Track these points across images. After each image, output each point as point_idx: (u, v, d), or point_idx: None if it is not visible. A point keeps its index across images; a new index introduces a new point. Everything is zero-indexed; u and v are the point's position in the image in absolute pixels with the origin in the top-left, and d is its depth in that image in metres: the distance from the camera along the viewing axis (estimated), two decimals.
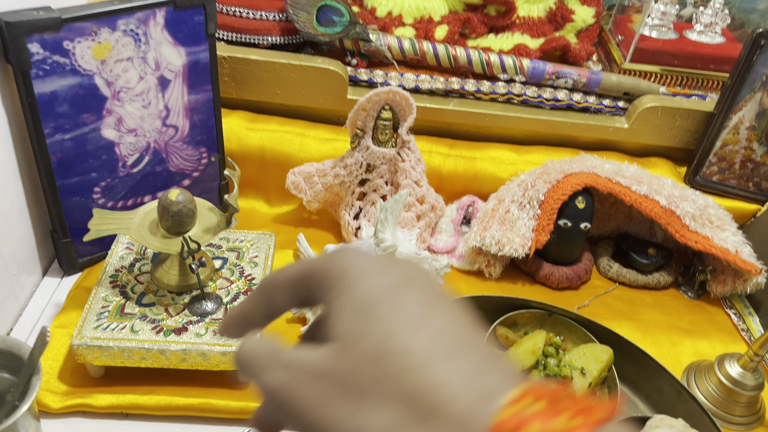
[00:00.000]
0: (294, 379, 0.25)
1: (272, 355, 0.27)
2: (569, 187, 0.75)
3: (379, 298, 0.25)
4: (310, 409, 0.24)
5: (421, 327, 0.24)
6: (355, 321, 0.25)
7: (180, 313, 0.62)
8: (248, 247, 0.70)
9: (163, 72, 0.67)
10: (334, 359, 0.25)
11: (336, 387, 0.24)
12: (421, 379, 0.23)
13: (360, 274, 0.26)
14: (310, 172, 0.77)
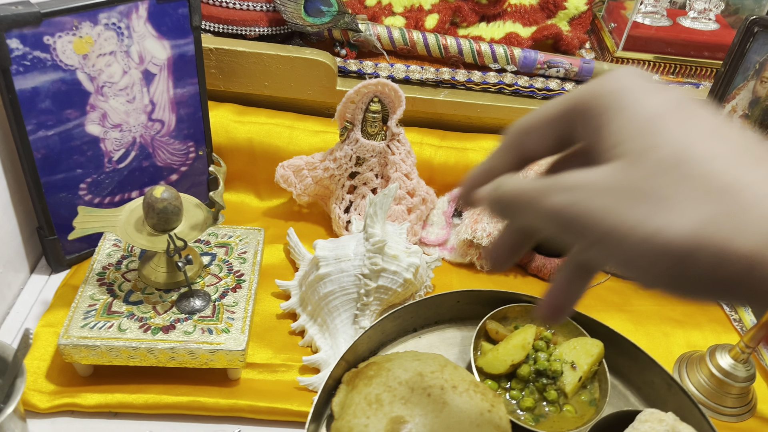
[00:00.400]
0: (581, 196, 0.25)
1: (547, 184, 0.27)
2: None
3: (667, 111, 0.25)
4: (603, 218, 0.24)
5: (720, 136, 0.24)
6: (641, 135, 0.25)
7: (168, 311, 0.61)
8: (237, 243, 0.70)
9: (147, 66, 0.66)
10: (623, 172, 0.25)
11: (629, 196, 0.24)
12: (729, 180, 0.23)
13: (638, 92, 0.26)
14: (300, 166, 0.76)
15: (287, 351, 0.65)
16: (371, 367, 0.56)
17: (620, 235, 0.24)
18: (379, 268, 0.63)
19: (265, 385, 0.62)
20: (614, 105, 0.26)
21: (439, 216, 0.82)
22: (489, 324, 0.63)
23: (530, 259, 0.79)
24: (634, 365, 0.63)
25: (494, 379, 0.59)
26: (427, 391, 0.52)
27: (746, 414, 0.67)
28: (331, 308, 0.64)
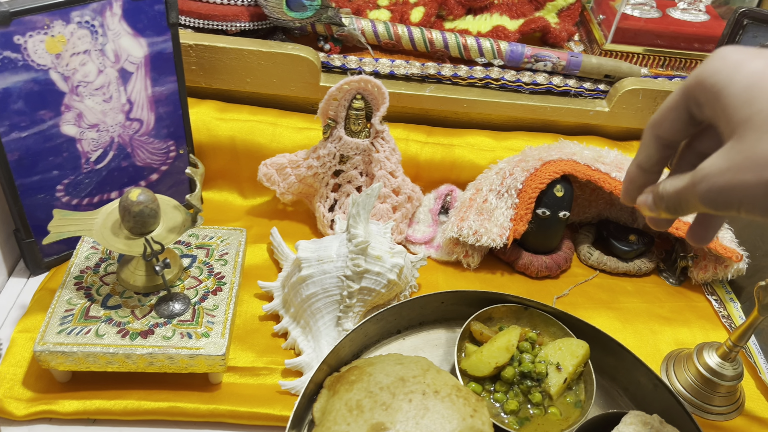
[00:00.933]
0: (713, 181, 0.33)
1: (692, 179, 0.34)
2: (547, 175, 0.73)
3: (759, 78, 0.31)
4: (733, 191, 0.32)
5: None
6: (743, 107, 0.31)
7: (146, 315, 0.60)
8: (218, 244, 0.69)
9: (123, 64, 0.65)
10: (735, 150, 0.32)
11: (744, 168, 0.31)
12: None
13: (735, 66, 0.32)
14: (283, 164, 0.75)
15: (270, 354, 0.64)
16: (353, 372, 0.56)
17: (748, 198, 0.31)
18: (362, 269, 0.62)
19: (246, 390, 0.61)
20: (718, 84, 0.33)
21: (425, 213, 0.81)
22: (473, 325, 0.62)
23: (517, 257, 0.78)
24: (621, 365, 0.63)
25: (478, 381, 0.59)
26: (408, 396, 0.52)
27: (734, 413, 0.66)
28: (313, 310, 0.63)
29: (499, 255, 0.79)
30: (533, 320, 0.64)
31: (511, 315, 0.64)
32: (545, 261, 0.77)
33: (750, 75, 0.31)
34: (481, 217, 0.75)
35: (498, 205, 0.75)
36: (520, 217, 0.74)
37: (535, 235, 0.76)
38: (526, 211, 0.74)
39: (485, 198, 0.76)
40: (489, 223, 0.74)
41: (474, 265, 0.77)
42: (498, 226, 0.74)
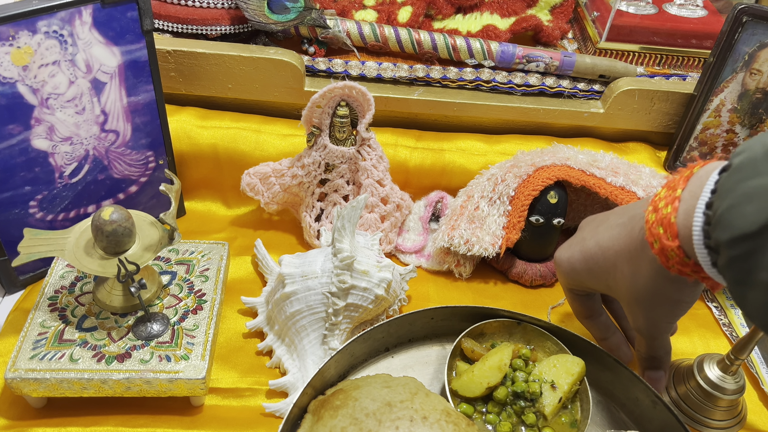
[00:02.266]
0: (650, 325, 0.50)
1: (649, 346, 0.53)
2: (540, 182, 0.71)
3: (583, 263, 0.52)
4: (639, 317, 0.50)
5: (605, 247, 0.50)
6: (594, 279, 0.52)
7: (123, 337, 0.58)
8: (199, 259, 0.66)
9: (96, 74, 0.62)
10: (626, 301, 0.50)
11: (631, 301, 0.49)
12: (618, 256, 0.48)
13: (570, 263, 0.55)
14: (267, 173, 0.72)
15: (254, 373, 0.62)
16: (337, 396, 0.53)
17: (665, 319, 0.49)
18: (348, 285, 0.60)
19: (229, 412, 0.58)
20: (577, 280, 0.53)
21: (415, 222, 0.78)
22: (464, 342, 0.59)
23: (511, 265, 0.75)
24: (618, 381, 0.60)
25: (470, 402, 0.56)
26: (395, 423, 0.49)
27: (735, 426, 0.64)
28: (298, 328, 0.61)
29: (492, 263, 0.76)
30: (527, 335, 0.62)
31: (503, 330, 0.62)
32: (539, 269, 0.75)
33: (578, 261, 0.51)
34: (472, 225, 0.72)
35: (490, 212, 0.72)
36: (512, 225, 0.71)
37: (528, 243, 0.74)
38: (518, 219, 0.71)
39: (477, 205, 0.73)
40: (481, 232, 0.72)
41: (466, 275, 0.75)
42: (490, 235, 0.71)
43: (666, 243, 0.37)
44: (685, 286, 0.42)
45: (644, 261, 0.42)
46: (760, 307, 0.31)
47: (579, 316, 0.56)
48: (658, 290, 0.43)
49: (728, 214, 0.31)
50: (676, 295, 0.43)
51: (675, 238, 0.36)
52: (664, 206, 0.37)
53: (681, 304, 0.44)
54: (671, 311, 0.45)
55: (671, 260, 0.38)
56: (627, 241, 0.43)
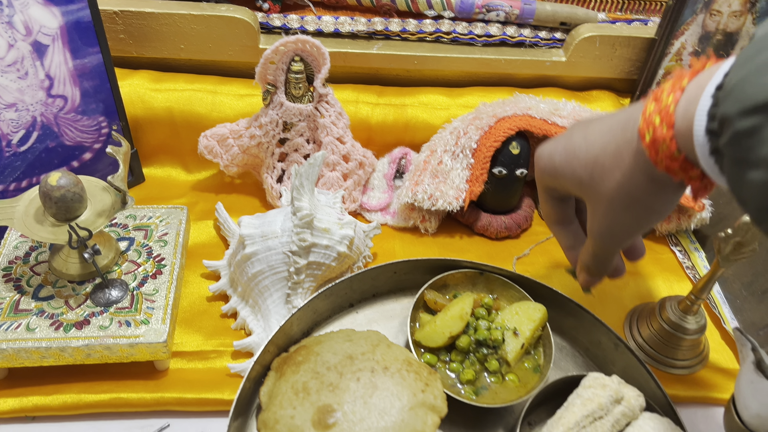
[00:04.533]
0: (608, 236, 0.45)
1: (596, 244, 0.47)
2: (501, 133, 0.70)
3: (564, 158, 0.46)
4: (614, 229, 0.45)
5: (588, 144, 0.44)
6: (572, 176, 0.45)
7: (81, 305, 0.57)
8: (157, 225, 0.65)
9: (36, 37, 0.60)
10: (594, 200, 0.44)
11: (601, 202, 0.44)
12: (605, 151, 0.43)
13: (551, 158, 0.47)
14: (224, 135, 0.71)
15: (218, 336, 0.61)
16: (300, 352, 0.53)
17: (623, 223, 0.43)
18: (309, 243, 0.59)
19: (194, 375, 0.58)
20: (554, 175, 0.47)
21: (380, 179, 0.77)
22: (427, 294, 0.59)
23: (476, 219, 0.75)
24: (581, 326, 0.61)
25: (433, 352, 0.57)
26: (356, 375, 0.49)
27: (698, 365, 0.65)
28: (261, 288, 0.60)
29: (457, 218, 0.76)
30: (490, 285, 0.62)
31: (466, 281, 0.62)
32: (504, 221, 0.75)
33: (559, 157, 0.46)
34: (436, 180, 0.71)
35: (453, 166, 0.72)
36: (475, 177, 0.71)
37: (492, 195, 0.73)
38: (481, 171, 0.71)
39: (440, 160, 0.72)
40: (445, 186, 0.71)
41: (432, 230, 0.74)
42: (454, 189, 0.71)
43: (659, 134, 0.35)
44: (663, 190, 0.40)
45: (629, 155, 0.39)
46: (760, 186, 0.30)
47: (549, 221, 0.52)
48: (633, 190, 0.40)
49: (743, 84, 0.30)
50: (650, 200, 0.40)
51: (671, 128, 0.35)
52: (666, 96, 0.35)
53: (651, 213, 0.41)
54: (637, 219, 0.42)
55: (661, 153, 0.36)
56: (617, 134, 0.40)
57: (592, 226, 0.45)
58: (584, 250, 0.48)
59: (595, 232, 0.45)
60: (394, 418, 0.47)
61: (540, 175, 0.48)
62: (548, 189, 0.48)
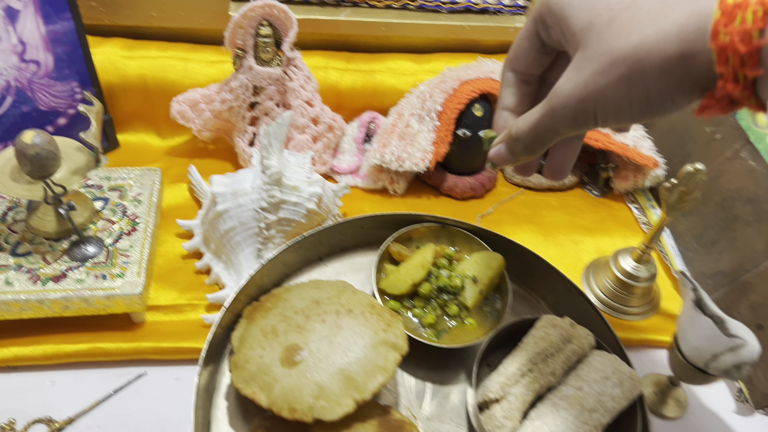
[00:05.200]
0: (570, 102, 0.33)
1: (547, 109, 0.34)
2: (465, 95, 0.73)
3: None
4: (589, 104, 0.32)
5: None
6: (585, 15, 0.32)
7: (58, 260, 0.59)
8: (131, 185, 0.67)
9: (8, 2, 0.61)
10: (579, 64, 0.32)
11: (586, 75, 0.32)
12: (654, 1, 0.29)
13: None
14: (196, 100, 0.73)
15: (193, 290, 0.64)
16: (270, 299, 0.56)
17: (601, 103, 0.31)
18: (278, 200, 0.61)
19: (170, 326, 0.61)
20: (561, 2, 0.33)
21: (349, 143, 0.80)
22: (392, 246, 0.62)
23: (442, 180, 0.78)
24: (538, 274, 0.64)
25: (397, 299, 0.60)
26: (322, 317, 0.52)
27: (650, 311, 0.69)
28: (233, 245, 0.63)
29: (425, 179, 0.79)
30: (453, 238, 0.65)
31: (430, 235, 0.65)
32: (470, 182, 0.78)
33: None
34: (403, 142, 0.74)
35: (420, 129, 0.75)
36: (441, 139, 0.74)
37: (458, 156, 0.76)
38: (446, 133, 0.74)
39: (407, 123, 0.75)
40: (411, 148, 0.74)
41: (400, 192, 0.77)
42: (420, 150, 0.74)
43: (739, 44, 0.25)
44: (688, 91, 0.29)
45: (674, 42, 0.28)
46: None
47: (510, 62, 0.39)
48: (652, 68, 0.28)
49: None
50: (663, 89, 0.29)
51: (764, 36, 0.25)
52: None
53: (649, 105, 0.30)
54: (628, 104, 0.30)
55: (730, 65, 0.26)
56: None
57: (564, 87, 0.33)
58: (525, 117, 0.36)
59: (563, 94, 0.32)
60: (357, 355, 0.50)
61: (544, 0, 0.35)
62: (541, 20, 0.36)
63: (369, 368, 0.49)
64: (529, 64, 0.38)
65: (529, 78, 0.39)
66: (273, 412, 0.49)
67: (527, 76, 0.39)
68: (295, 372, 0.49)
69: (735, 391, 0.64)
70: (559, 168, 0.40)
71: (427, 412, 0.55)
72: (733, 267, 0.68)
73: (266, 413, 0.51)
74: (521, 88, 0.39)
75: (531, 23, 0.37)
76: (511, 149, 0.37)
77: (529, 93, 0.40)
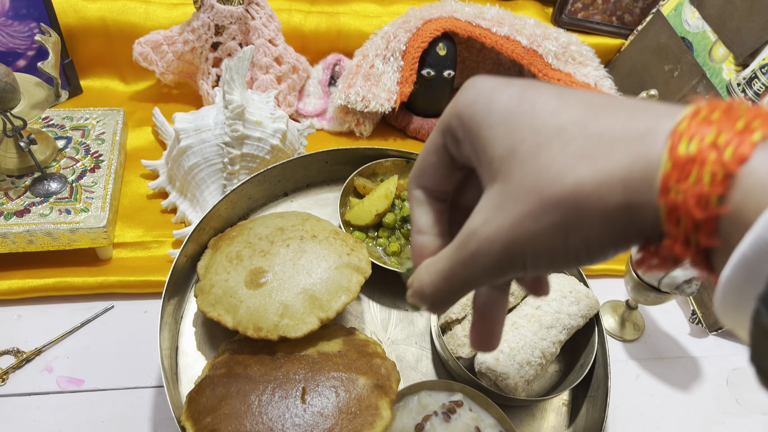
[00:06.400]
0: (491, 244, 0.26)
1: (459, 254, 0.27)
2: (428, 34, 0.73)
3: (515, 107, 0.26)
4: (511, 246, 0.26)
5: (563, 107, 0.25)
6: (501, 143, 0.26)
7: (21, 196, 0.59)
8: (94, 125, 0.67)
9: None
10: (499, 197, 0.26)
11: (509, 214, 0.25)
12: (589, 133, 0.24)
13: (488, 100, 0.27)
14: (158, 41, 0.72)
15: (159, 228, 0.64)
16: (234, 229, 0.57)
17: (531, 250, 0.25)
18: (241, 134, 0.62)
19: (137, 262, 0.61)
20: (476, 116, 0.27)
21: (315, 86, 0.80)
22: (356, 180, 0.63)
23: (408, 122, 0.79)
24: None
25: (362, 230, 0.61)
26: (286, 242, 0.53)
27: None
28: (198, 181, 0.63)
29: (391, 121, 0.80)
30: None
31: (395, 169, 0.66)
32: (435, 123, 0.79)
33: (507, 102, 0.27)
34: (368, 82, 0.75)
35: (385, 69, 0.75)
36: (405, 79, 0.74)
37: (423, 97, 0.77)
38: (410, 72, 0.74)
39: (372, 64, 0.75)
40: (377, 89, 0.74)
41: (366, 134, 0.78)
42: (386, 91, 0.74)
43: (694, 208, 0.21)
44: (629, 244, 0.25)
45: (617, 189, 0.23)
46: None
47: (417, 177, 0.32)
48: (589, 224, 0.24)
49: None
50: (598, 243, 0.24)
51: (725, 203, 0.21)
52: (722, 143, 0.21)
53: (581, 257, 0.25)
54: (554, 256, 0.25)
55: (682, 227, 0.22)
56: (621, 136, 0.24)
57: (484, 229, 0.26)
58: (431, 265, 0.29)
59: (484, 237, 0.26)
60: (321, 276, 0.51)
61: (458, 109, 0.29)
62: (450, 132, 0.29)
63: (333, 288, 0.50)
64: (438, 180, 0.31)
65: (442, 195, 0.32)
66: (239, 332, 0.50)
67: (439, 193, 0.32)
68: (260, 293, 0.50)
69: (689, 314, 0.66)
70: (488, 334, 0.32)
71: (392, 336, 0.57)
72: None
73: (233, 337, 0.52)
74: (434, 205, 0.32)
75: (439, 135, 0.30)
76: (421, 297, 0.30)
77: (445, 210, 0.33)
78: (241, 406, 0.44)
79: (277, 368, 0.47)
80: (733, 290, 0.21)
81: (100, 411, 0.51)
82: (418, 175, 0.32)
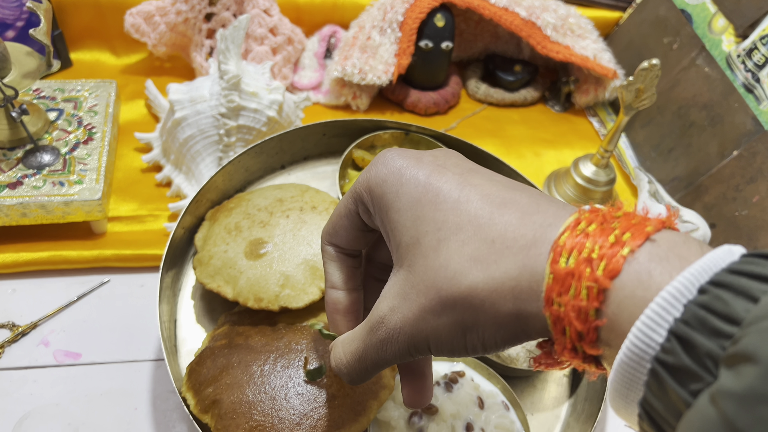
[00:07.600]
0: (404, 329, 0.28)
1: (371, 338, 0.30)
2: (426, 4, 0.72)
3: (421, 195, 0.28)
4: (417, 334, 0.28)
5: (463, 202, 0.27)
6: (411, 227, 0.28)
7: (14, 168, 0.58)
8: (86, 97, 0.65)
9: None
10: (405, 284, 0.28)
11: (414, 300, 0.28)
12: (483, 236, 0.26)
13: (397, 179, 0.29)
14: (150, 12, 0.71)
15: (154, 202, 0.63)
16: (232, 201, 0.56)
17: (435, 340, 0.28)
18: (236, 105, 0.61)
19: (132, 236, 0.60)
20: (386, 197, 0.29)
21: (310, 58, 0.79)
22: (355, 152, 0.62)
23: (406, 95, 0.78)
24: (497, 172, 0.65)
25: None
26: (286, 213, 0.52)
27: None
28: (193, 153, 0.62)
29: (388, 95, 0.79)
30: (416, 145, 0.65)
31: (393, 141, 0.65)
32: (433, 97, 0.78)
33: (415, 188, 0.28)
34: (365, 54, 0.73)
35: (382, 41, 0.74)
36: (403, 51, 0.73)
37: (420, 69, 0.76)
38: (408, 44, 0.73)
39: (368, 35, 0.74)
40: (373, 61, 0.73)
41: (363, 107, 0.77)
42: (383, 63, 0.73)
43: (575, 320, 0.23)
44: (522, 343, 0.27)
45: (507, 298, 0.25)
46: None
47: (330, 236, 0.34)
48: (484, 326, 0.26)
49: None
50: (493, 343, 0.26)
51: (601, 317, 0.22)
52: (596, 257, 0.22)
53: (479, 352, 0.27)
54: (454, 349, 0.27)
55: (567, 336, 0.23)
56: (514, 230, 0.25)
57: (392, 318, 0.28)
58: (346, 344, 0.32)
59: (391, 326, 0.28)
60: None
61: (369, 184, 0.30)
62: (362, 203, 0.31)
63: None
64: (350, 241, 0.34)
65: (354, 252, 0.35)
66: (239, 304, 0.49)
67: (351, 251, 0.34)
68: (260, 264, 0.49)
69: None
70: (420, 389, 0.34)
71: None
72: (689, 172, 0.70)
73: (233, 308, 0.52)
74: (346, 262, 0.34)
75: (351, 201, 0.32)
76: (339, 369, 0.33)
77: (357, 265, 0.35)
78: (242, 376, 0.43)
79: (279, 338, 0.46)
80: (619, 394, 0.22)
81: (99, 384, 0.51)
82: (331, 233, 0.34)
